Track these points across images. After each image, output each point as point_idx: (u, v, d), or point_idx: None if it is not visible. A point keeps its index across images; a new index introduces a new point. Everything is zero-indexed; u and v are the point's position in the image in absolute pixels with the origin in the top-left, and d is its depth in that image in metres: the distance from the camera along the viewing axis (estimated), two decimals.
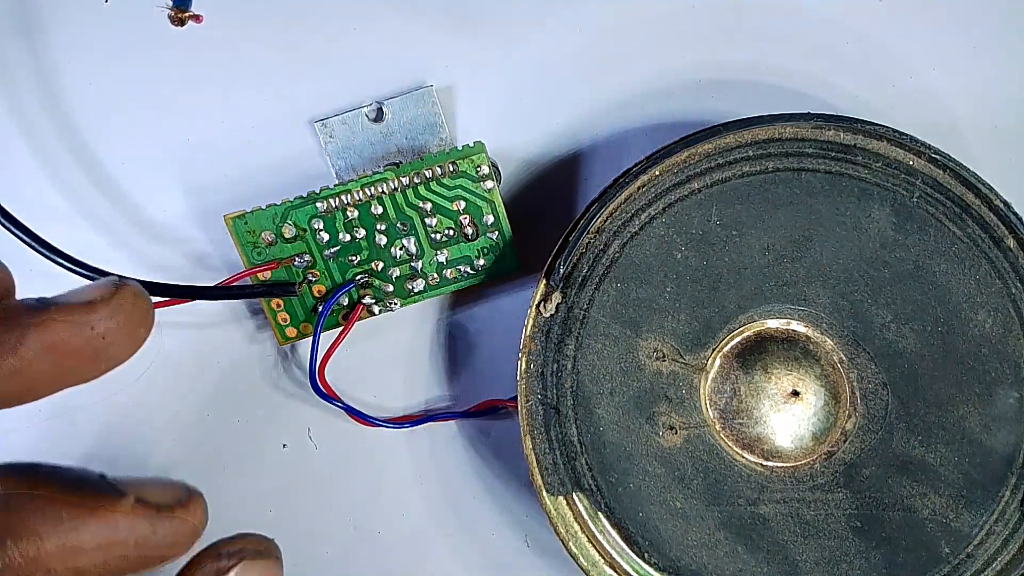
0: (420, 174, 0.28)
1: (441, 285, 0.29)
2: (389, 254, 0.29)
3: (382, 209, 0.28)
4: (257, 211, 0.28)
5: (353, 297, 0.29)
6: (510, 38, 0.30)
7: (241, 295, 0.29)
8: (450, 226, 0.28)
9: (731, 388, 0.27)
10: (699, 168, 0.26)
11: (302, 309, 0.29)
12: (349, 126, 0.29)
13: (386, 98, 0.29)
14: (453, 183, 0.28)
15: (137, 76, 0.30)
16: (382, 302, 0.29)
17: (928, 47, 0.30)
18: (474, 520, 0.31)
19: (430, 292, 0.29)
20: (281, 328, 0.29)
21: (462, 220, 0.28)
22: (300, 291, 0.29)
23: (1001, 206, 0.26)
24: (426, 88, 0.29)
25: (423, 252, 0.29)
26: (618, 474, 0.26)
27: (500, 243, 0.29)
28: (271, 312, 0.29)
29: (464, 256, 0.29)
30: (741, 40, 0.30)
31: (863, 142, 0.26)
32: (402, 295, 0.29)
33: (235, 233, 0.28)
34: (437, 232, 0.29)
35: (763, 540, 0.26)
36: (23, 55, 0.30)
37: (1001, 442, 0.26)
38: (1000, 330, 0.26)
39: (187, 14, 0.29)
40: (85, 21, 0.30)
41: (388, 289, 0.29)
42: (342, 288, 0.28)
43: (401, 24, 0.30)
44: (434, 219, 0.28)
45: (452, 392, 0.31)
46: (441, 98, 0.30)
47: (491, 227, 0.29)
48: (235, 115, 0.30)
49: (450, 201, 0.28)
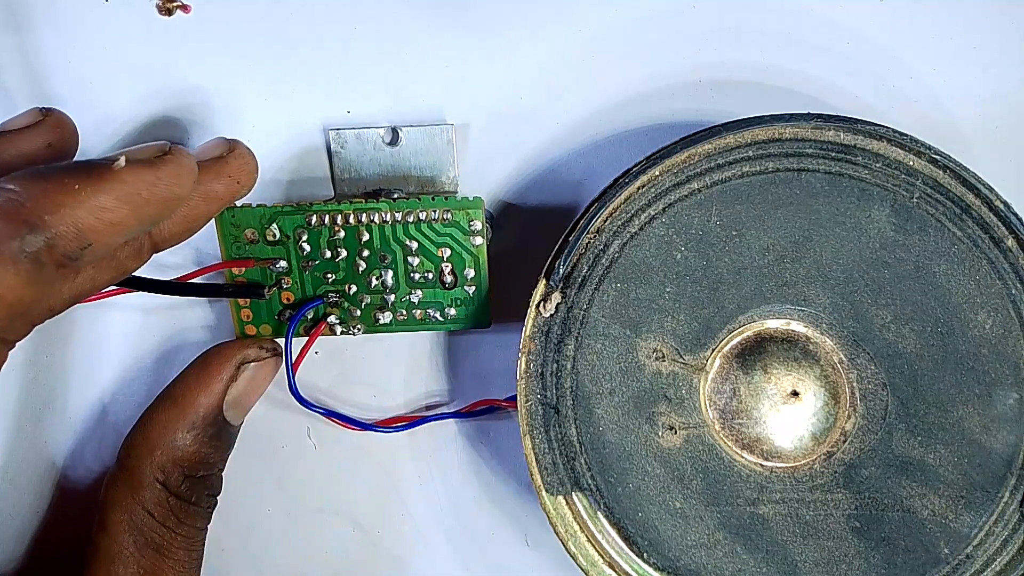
0: (414, 213, 0.28)
1: (408, 323, 0.29)
2: (365, 281, 0.29)
3: (369, 236, 0.28)
4: (246, 207, 0.28)
5: (319, 313, 0.29)
6: (510, 37, 0.30)
7: (209, 293, 0.29)
8: (430, 269, 0.28)
9: (731, 388, 0.27)
10: (699, 168, 0.26)
11: (267, 311, 0.29)
12: (362, 142, 0.29)
13: (404, 124, 0.29)
14: (444, 230, 0.28)
15: (137, 77, 0.30)
16: (346, 324, 0.29)
17: (928, 47, 0.30)
18: (474, 520, 0.31)
19: (396, 327, 0.29)
20: (242, 323, 0.29)
21: (444, 267, 0.28)
22: (269, 295, 0.29)
23: (1001, 206, 0.26)
24: (446, 125, 0.29)
25: (398, 287, 0.29)
26: (617, 474, 0.26)
27: (475, 298, 0.29)
28: (235, 306, 0.29)
29: (437, 301, 0.29)
30: (741, 40, 0.30)
31: (863, 142, 0.26)
32: (367, 323, 0.29)
33: (219, 223, 0.28)
34: (417, 272, 0.28)
35: (762, 540, 0.26)
36: (19, 53, 0.30)
37: (1001, 443, 0.26)
38: (1000, 331, 0.26)
39: (175, 4, 0.29)
40: (85, 21, 0.30)
41: (355, 313, 0.29)
42: (311, 302, 0.29)
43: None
44: (417, 259, 0.28)
45: (452, 392, 0.31)
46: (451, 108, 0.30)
47: (470, 280, 0.29)
48: (245, 115, 0.30)
49: (436, 247, 0.28)
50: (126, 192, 0.21)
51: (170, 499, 0.27)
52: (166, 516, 0.26)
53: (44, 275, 0.20)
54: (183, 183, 0.23)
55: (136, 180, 0.21)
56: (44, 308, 0.21)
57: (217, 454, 0.28)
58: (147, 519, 0.26)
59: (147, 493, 0.26)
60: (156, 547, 0.26)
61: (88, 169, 0.21)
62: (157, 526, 0.26)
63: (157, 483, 0.26)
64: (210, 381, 0.28)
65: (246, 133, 0.30)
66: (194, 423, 0.27)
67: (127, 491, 0.27)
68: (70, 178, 0.21)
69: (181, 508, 0.27)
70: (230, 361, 0.28)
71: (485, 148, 0.30)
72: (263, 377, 0.29)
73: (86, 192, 0.21)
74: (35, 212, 0.20)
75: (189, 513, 0.27)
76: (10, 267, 0.19)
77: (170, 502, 0.27)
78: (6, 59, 0.30)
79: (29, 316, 0.21)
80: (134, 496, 0.26)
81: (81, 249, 0.21)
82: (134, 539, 0.26)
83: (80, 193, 0.21)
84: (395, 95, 0.30)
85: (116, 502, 0.27)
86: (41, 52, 0.30)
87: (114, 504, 0.27)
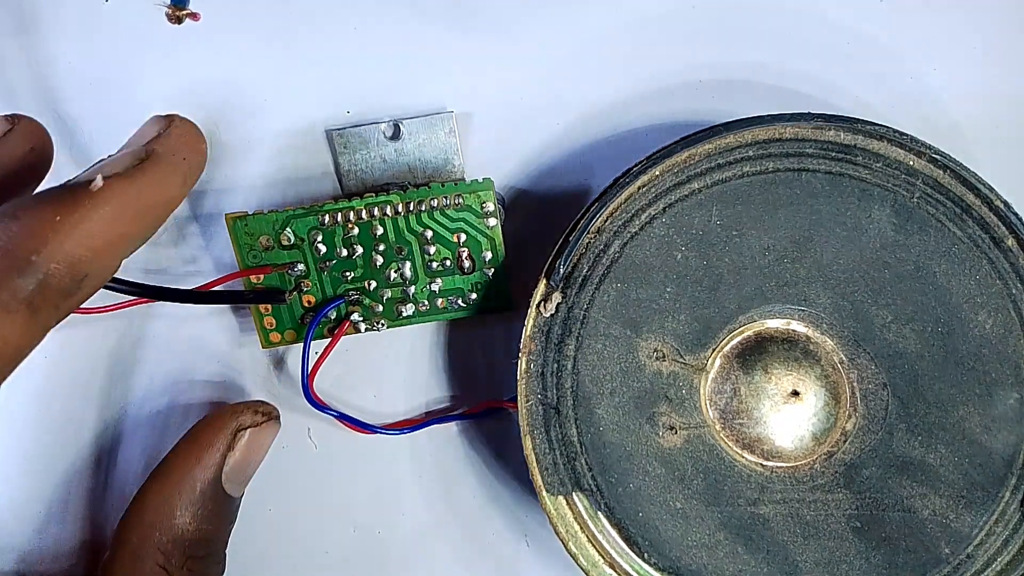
0: (425, 202, 0.28)
1: (431, 313, 0.29)
2: (383, 275, 0.29)
3: (383, 230, 0.28)
4: (258, 215, 0.28)
5: (341, 312, 0.29)
6: (510, 37, 0.30)
7: (231, 301, 0.29)
8: (447, 256, 0.29)
9: (731, 388, 0.27)
10: (699, 168, 0.26)
11: (289, 317, 0.29)
12: (364, 139, 0.29)
13: (404, 117, 0.29)
14: (456, 215, 0.28)
15: (138, 76, 0.30)
16: (369, 321, 0.29)
17: (928, 47, 0.30)
18: (474, 520, 0.31)
19: (418, 318, 0.29)
20: (266, 332, 0.29)
21: (460, 252, 0.28)
22: (290, 299, 0.29)
23: (1001, 206, 0.26)
24: (446, 113, 0.29)
25: (417, 278, 0.29)
26: (618, 474, 0.26)
27: (495, 280, 0.29)
28: (258, 314, 0.29)
29: (457, 288, 0.29)
30: (741, 40, 0.30)
31: (863, 142, 0.26)
32: (390, 317, 0.29)
33: (233, 233, 0.28)
34: (434, 260, 0.29)
35: (763, 540, 0.26)
36: (21, 55, 0.30)
37: (1001, 443, 0.26)
38: (1000, 331, 0.26)
39: (184, 12, 0.29)
40: (86, 21, 0.30)
41: (377, 309, 0.29)
42: (332, 302, 0.29)
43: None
44: (433, 248, 0.28)
45: (453, 393, 0.31)
46: (456, 109, 0.30)
47: (488, 263, 0.29)
48: (249, 115, 0.30)
49: (451, 232, 0.28)
50: (110, 213, 0.19)
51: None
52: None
53: (41, 320, 0.19)
54: (170, 186, 0.21)
55: (119, 197, 0.20)
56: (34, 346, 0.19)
57: (218, 529, 0.27)
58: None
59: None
60: None
61: (65, 196, 0.19)
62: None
63: (158, 566, 0.25)
64: (204, 453, 0.26)
65: (247, 137, 0.30)
66: (191, 500, 0.26)
67: (127, 574, 0.25)
68: (49, 209, 0.19)
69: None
70: (225, 430, 0.27)
71: (487, 146, 0.30)
72: (261, 443, 0.28)
73: (69, 221, 0.19)
74: (21, 253, 0.18)
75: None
76: (4, 317, 0.18)
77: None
78: (11, 63, 0.30)
79: (22, 358, 0.19)
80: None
81: (79, 281, 0.19)
82: None
83: (63, 224, 0.19)
84: (396, 95, 0.30)
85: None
86: (45, 57, 0.30)
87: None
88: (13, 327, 0.18)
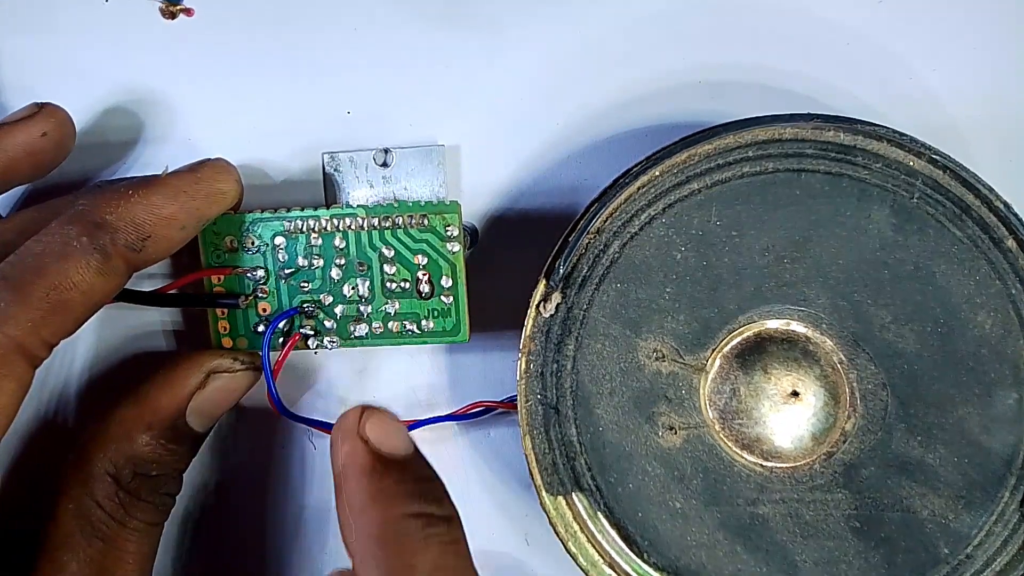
0: (391, 218, 0.28)
1: (383, 336, 0.29)
2: (340, 290, 0.28)
3: (345, 244, 0.28)
4: (227, 215, 0.28)
5: (295, 325, 0.29)
6: (510, 37, 0.30)
7: (183, 304, 0.29)
8: (406, 278, 0.28)
9: (731, 388, 0.27)
10: (699, 169, 0.26)
11: (243, 323, 0.29)
12: (355, 164, 0.29)
13: (397, 146, 0.30)
14: (420, 235, 0.28)
15: (138, 77, 0.30)
16: (320, 336, 0.29)
17: (928, 47, 0.30)
18: (474, 520, 0.31)
19: (370, 340, 0.29)
20: (219, 335, 0.29)
21: (420, 276, 0.28)
22: (245, 304, 0.28)
23: (1001, 207, 0.26)
24: (436, 147, 0.29)
25: (374, 297, 0.28)
26: (617, 474, 0.26)
27: (452, 311, 0.29)
28: (213, 315, 0.29)
29: (413, 312, 0.29)
30: (741, 41, 0.30)
31: (863, 143, 0.26)
32: (343, 336, 0.29)
33: (201, 232, 0.28)
34: (392, 281, 0.28)
35: (762, 540, 0.26)
36: (21, 55, 0.30)
37: (1000, 443, 0.26)
38: (1000, 331, 0.26)
39: (178, 7, 0.29)
40: (86, 20, 0.30)
41: (330, 325, 0.29)
42: (286, 313, 0.28)
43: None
44: (393, 267, 0.28)
45: (451, 393, 0.31)
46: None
47: (447, 290, 0.28)
48: (242, 123, 0.30)
49: (413, 253, 0.28)
50: (172, 190, 0.26)
51: (119, 493, 0.26)
52: (115, 509, 0.26)
53: (112, 265, 0.24)
54: (223, 179, 0.27)
55: (179, 181, 0.26)
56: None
57: (174, 457, 0.28)
58: (96, 510, 0.26)
59: (97, 485, 0.26)
60: (104, 538, 0.26)
61: (139, 180, 0.26)
62: (105, 518, 0.26)
63: (107, 476, 0.26)
64: (175, 384, 0.28)
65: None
66: (151, 424, 0.27)
67: (77, 481, 0.27)
68: (124, 186, 0.26)
69: (131, 503, 0.27)
70: (200, 367, 0.28)
71: (481, 156, 0.30)
72: (233, 389, 0.29)
73: (139, 195, 0.25)
74: (99, 215, 0.25)
75: (139, 508, 0.27)
76: (82, 260, 0.24)
77: (119, 496, 0.26)
78: (8, 60, 0.30)
79: (97, 298, 0.25)
80: (83, 487, 0.26)
81: (142, 240, 0.25)
82: (81, 529, 0.26)
83: (134, 196, 0.25)
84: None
85: (66, 491, 0.27)
86: (40, 55, 0.30)
87: (64, 493, 0.27)
88: (88, 269, 0.24)
